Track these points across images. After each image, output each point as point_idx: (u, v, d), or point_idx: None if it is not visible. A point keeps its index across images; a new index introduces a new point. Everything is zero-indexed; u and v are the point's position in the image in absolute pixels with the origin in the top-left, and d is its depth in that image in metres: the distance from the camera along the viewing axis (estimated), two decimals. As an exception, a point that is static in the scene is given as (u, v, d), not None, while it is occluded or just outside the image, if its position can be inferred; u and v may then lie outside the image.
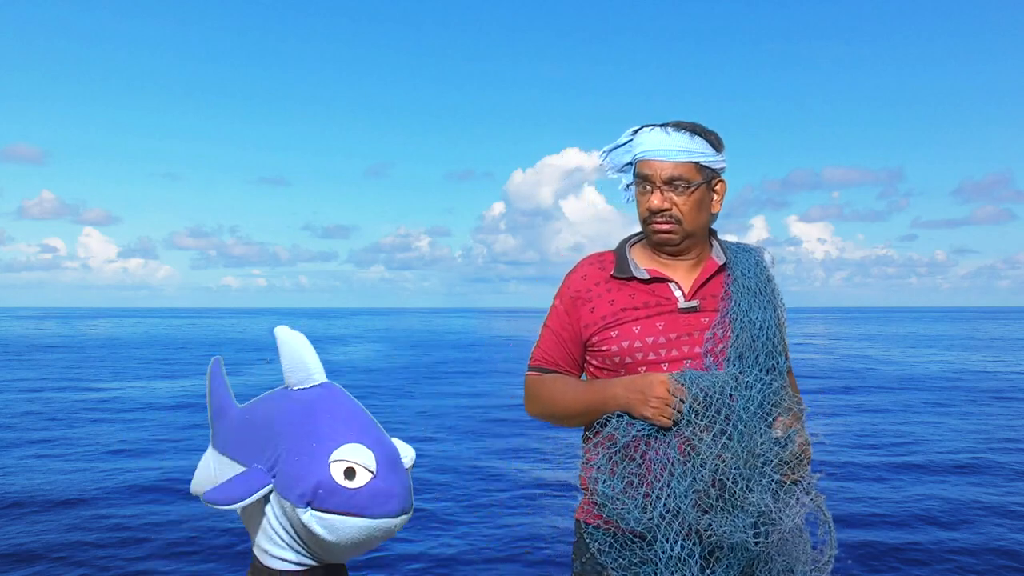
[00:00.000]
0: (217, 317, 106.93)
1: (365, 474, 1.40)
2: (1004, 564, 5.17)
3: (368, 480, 1.40)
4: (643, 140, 1.74)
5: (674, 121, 1.75)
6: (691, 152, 1.70)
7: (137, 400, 14.16)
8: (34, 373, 19.87)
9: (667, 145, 1.70)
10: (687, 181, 1.70)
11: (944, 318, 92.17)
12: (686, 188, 1.70)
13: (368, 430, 1.49)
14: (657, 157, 1.71)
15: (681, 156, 1.69)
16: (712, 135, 1.74)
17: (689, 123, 1.74)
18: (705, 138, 1.72)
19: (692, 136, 1.71)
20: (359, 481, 1.40)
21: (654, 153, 1.71)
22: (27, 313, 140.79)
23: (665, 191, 1.71)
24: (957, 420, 11.69)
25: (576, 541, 1.81)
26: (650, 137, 1.73)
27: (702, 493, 1.54)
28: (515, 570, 5.14)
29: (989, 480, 7.59)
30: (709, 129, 1.75)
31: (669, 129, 1.72)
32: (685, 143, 1.70)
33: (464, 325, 69.13)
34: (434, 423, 11.50)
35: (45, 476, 7.72)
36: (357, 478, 1.40)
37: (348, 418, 1.50)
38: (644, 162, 1.73)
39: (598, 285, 1.77)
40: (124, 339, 39.96)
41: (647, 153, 1.72)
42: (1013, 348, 31.05)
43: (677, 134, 1.70)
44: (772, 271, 1.83)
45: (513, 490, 7.25)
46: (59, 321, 76.97)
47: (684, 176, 1.70)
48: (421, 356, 27.83)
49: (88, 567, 5.12)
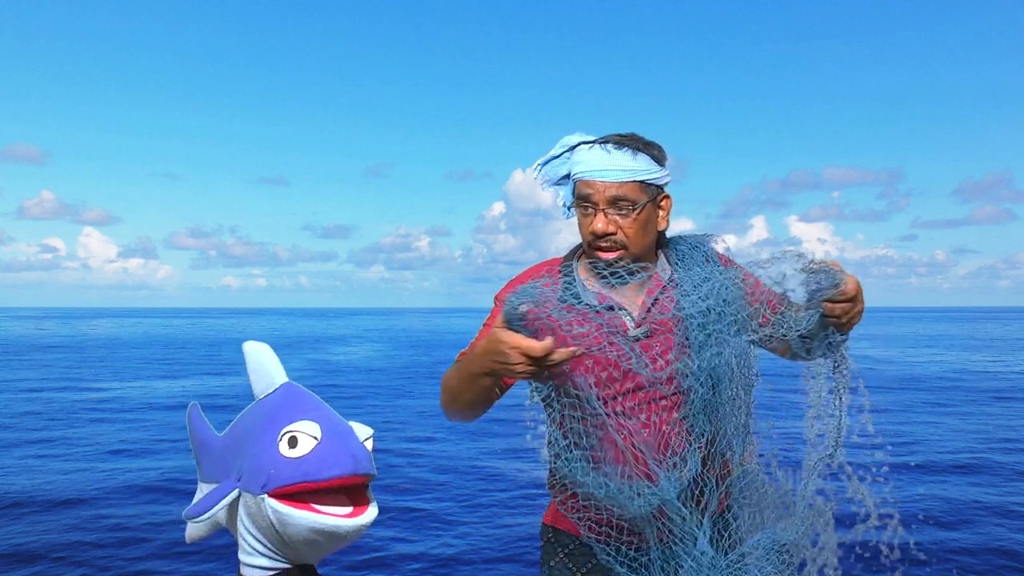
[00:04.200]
0: (217, 317, 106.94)
1: (309, 440, 1.42)
2: (1004, 564, 5.18)
3: (313, 446, 1.42)
4: (582, 158, 1.63)
5: (614, 136, 1.64)
6: (635, 171, 1.59)
7: (137, 400, 14.15)
8: (34, 373, 19.87)
9: (608, 164, 1.59)
10: (632, 202, 1.59)
11: (944, 318, 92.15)
12: (631, 209, 1.59)
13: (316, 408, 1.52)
14: (599, 178, 1.59)
15: (624, 176, 1.58)
16: (655, 149, 1.65)
17: (629, 136, 1.64)
18: (648, 153, 1.62)
19: (635, 153, 1.60)
20: (303, 448, 1.41)
21: (595, 173, 1.60)
22: (27, 313, 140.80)
23: (609, 213, 1.60)
24: (957, 420, 11.68)
25: (543, 546, 1.79)
26: (589, 156, 1.61)
27: None
28: (515, 570, 5.14)
29: (989, 480, 7.59)
30: (650, 141, 1.66)
31: (610, 147, 1.61)
32: (627, 161, 1.59)
33: (464, 325, 69.08)
34: (434, 423, 11.49)
35: (45, 476, 7.72)
36: (300, 445, 1.42)
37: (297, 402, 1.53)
38: (585, 182, 1.61)
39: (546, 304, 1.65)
40: (124, 339, 39.95)
41: (588, 173, 1.61)
42: (1013, 348, 31.04)
43: (618, 152, 1.60)
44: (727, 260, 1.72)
45: (513, 490, 7.26)
46: (59, 321, 76.95)
47: (628, 196, 1.59)
48: (421, 356, 27.85)
49: (88, 567, 5.12)
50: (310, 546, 1.46)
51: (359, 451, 1.47)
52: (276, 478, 1.41)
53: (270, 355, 1.61)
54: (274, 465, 1.41)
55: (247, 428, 1.57)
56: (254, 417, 1.57)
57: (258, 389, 1.60)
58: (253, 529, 1.48)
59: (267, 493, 1.41)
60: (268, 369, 1.59)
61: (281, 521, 1.41)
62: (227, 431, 1.71)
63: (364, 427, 1.59)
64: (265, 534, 1.47)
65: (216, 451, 1.70)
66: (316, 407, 1.53)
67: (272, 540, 1.48)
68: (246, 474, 1.47)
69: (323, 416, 1.49)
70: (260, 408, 1.58)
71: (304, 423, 1.45)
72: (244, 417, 1.64)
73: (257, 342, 1.62)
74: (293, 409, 1.50)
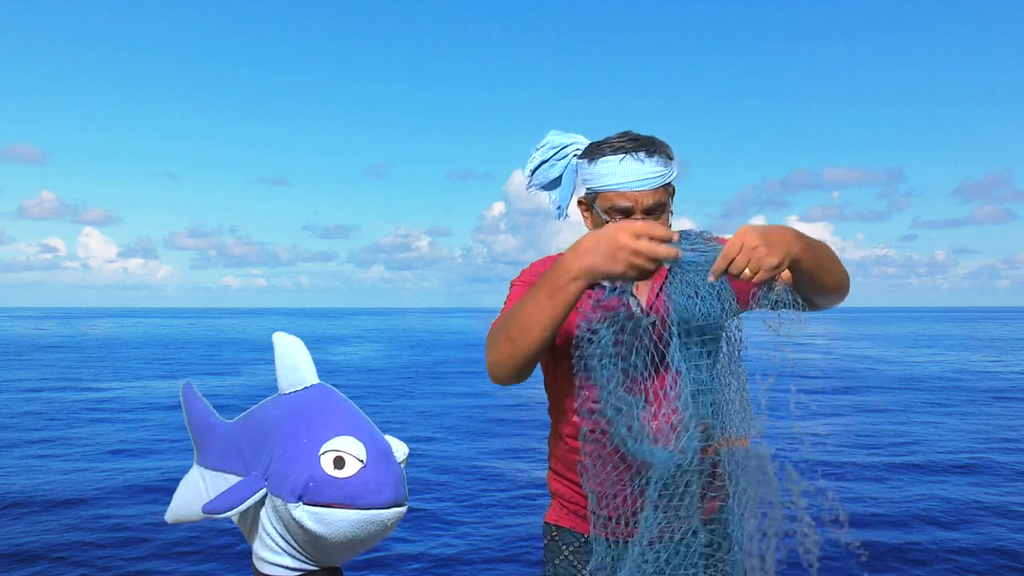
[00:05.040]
0: (217, 317, 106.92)
1: (355, 463, 1.40)
2: (1004, 564, 5.18)
3: (358, 469, 1.40)
4: (611, 170, 1.61)
5: (631, 140, 1.62)
6: (664, 176, 1.62)
7: (137, 400, 14.14)
8: (34, 373, 19.87)
9: (644, 175, 1.59)
10: (663, 206, 1.63)
11: (944, 318, 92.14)
12: (663, 212, 1.64)
13: (359, 424, 1.49)
14: (637, 188, 1.59)
15: (658, 183, 1.60)
16: (668, 146, 1.66)
17: (647, 140, 1.63)
18: (665, 153, 1.63)
19: (659, 157, 1.61)
20: (349, 470, 1.39)
21: (632, 184, 1.59)
22: (27, 313, 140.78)
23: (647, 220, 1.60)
24: (957, 420, 11.69)
25: (547, 544, 1.79)
26: (621, 167, 1.60)
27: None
28: (515, 570, 5.15)
29: (989, 480, 7.59)
30: (662, 140, 1.66)
31: (642, 155, 1.60)
32: (659, 168, 1.60)
33: (464, 325, 69.08)
34: (434, 423, 11.50)
35: (45, 476, 7.72)
36: (347, 467, 1.40)
37: (338, 413, 1.50)
38: (620, 194, 1.60)
39: None
40: (124, 339, 39.95)
41: (623, 185, 1.60)
42: (1013, 348, 31.04)
43: (650, 160, 1.60)
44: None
45: (513, 490, 7.26)
46: (59, 321, 76.94)
47: (661, 202, 1.62)
48: (421, 356, 27.83)
49: (88, 567, 5.12)
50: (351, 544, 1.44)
51: (399, 478, 1.46)
52: (315, 493, 1.39)
53: (303, 351, 1.57)
54: (314, 480, 1.39)
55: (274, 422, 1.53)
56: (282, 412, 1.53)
57: (285, 384, 1.57)
58: (280, 528, 1.47)
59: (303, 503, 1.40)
60: (299, 365, 1.56)
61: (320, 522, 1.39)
62: (242, 418, 1.67)
63: (401, 444, 1.57)
64: (295, 536, 1.46)
65: (226, 437, 1.67)
66: (358, 420, 1.50)
67: (301, 542, 1.46)
68: (275, 476, 1.44)
69: (367, 434, 1.47)
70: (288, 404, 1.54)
71: (349, 441, 1.43)
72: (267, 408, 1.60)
73: (288, 335, 1.58)
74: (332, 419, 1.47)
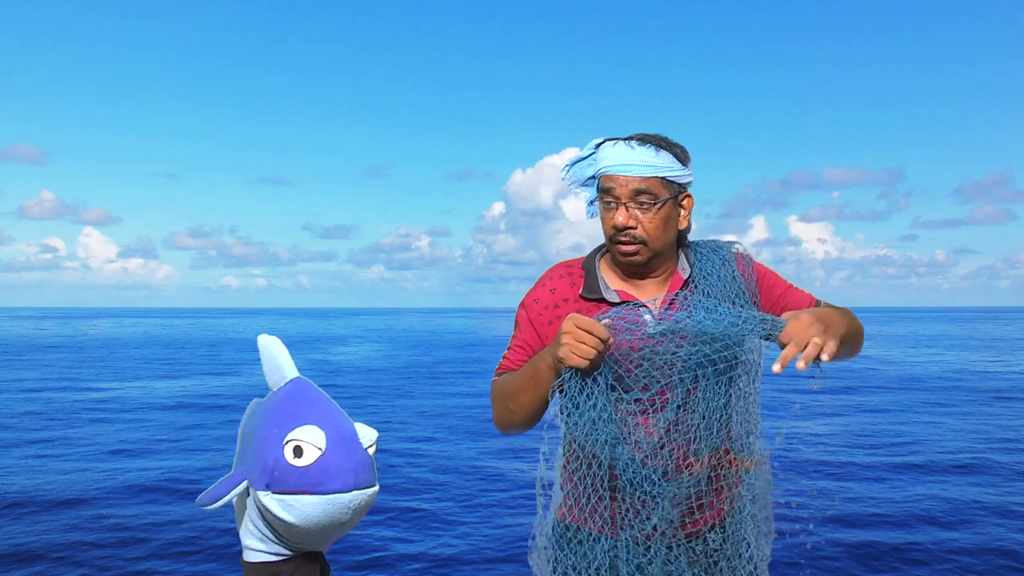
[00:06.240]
0: (217, 317, 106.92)
1: (313, 451, 1.46)
2: (1004, 564, 5.17)
3: (317, 457, 1.46)
4: (606, 154, 1.67)
5: (639, 134, 1.69)
6: (657, 167, 1.63)
7: (137, 400, 14.14)
8: (34, 373, 19.87)
9: (632, 159, 1.63)
10: (653, 196, 1.63)
11: (944, 318, 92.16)
12: (652, 204, 1.63)
13: (323, 413, 1.55)
14: (621, 172, 1.63)
15: (647, 171, 1.62)
16: (678, 148, 1.68)
17: (654, 136, 1.68)
18: (671, 151, 1.66)
19: (658, 150, 1.65)
20: (307, 459, 1.46)
21: (618, 168, 1.64)
22: (27, 313, 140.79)
23: (630, 207, 1.64)
24: (957, 420, 11.69)
25: (557, 540, 1.80)
26: (614, 151, 1.66)
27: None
28: (515, 570, 5.14)
29: (989, 480, 7.59)
30: (675, 142, 1.69)
31: (634, 143, 1.65)
32: (651, 157, 1.63)
33: (464, 325, 69.10)
34: (434, 423, 11.50)
35: (45, 476, 7.72)
36: (305, 456, 1.46)
37: (305, 404, 1.56)
38: (608, 176, 1.66)
39: (566, 303, 1.72)
40: (124, 339, 39.96)
41: (611, 167, 1.65)
42: (1013, 348, 31.04)
43: (642, 148, 1.64)
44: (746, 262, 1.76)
45: (513, 490, 7.26)
46: (59, 321, 76.95)
47: (650, 191, 1.63)
48: (421, 356, 27.83)
49: (88, 567, 5.12)
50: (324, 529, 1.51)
51: (361, 463, 1.51)
52: (279, 481, 1.46)
53: (280, 349, 1.63)
54: (278, 469, 1.47)
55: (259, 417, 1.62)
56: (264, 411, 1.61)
57: (271, 382, 1.64)
58: (256, 518, 1.55)
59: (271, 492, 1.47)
60: (279, 363, 1.62)
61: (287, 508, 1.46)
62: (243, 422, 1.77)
63: (369, 430, 1.61)
64: (271, 523, 1.53)
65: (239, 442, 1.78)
66: (323, 408, 1.56)
67: (279, 528, 1.53)
68: (252, 467, 1.53)
69: (329, 421, 1.52)
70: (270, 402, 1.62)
71: (310, 429, 1.49)
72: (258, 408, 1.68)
73: (269, 336, 1.64)
74: (299, 410, 1.54)
